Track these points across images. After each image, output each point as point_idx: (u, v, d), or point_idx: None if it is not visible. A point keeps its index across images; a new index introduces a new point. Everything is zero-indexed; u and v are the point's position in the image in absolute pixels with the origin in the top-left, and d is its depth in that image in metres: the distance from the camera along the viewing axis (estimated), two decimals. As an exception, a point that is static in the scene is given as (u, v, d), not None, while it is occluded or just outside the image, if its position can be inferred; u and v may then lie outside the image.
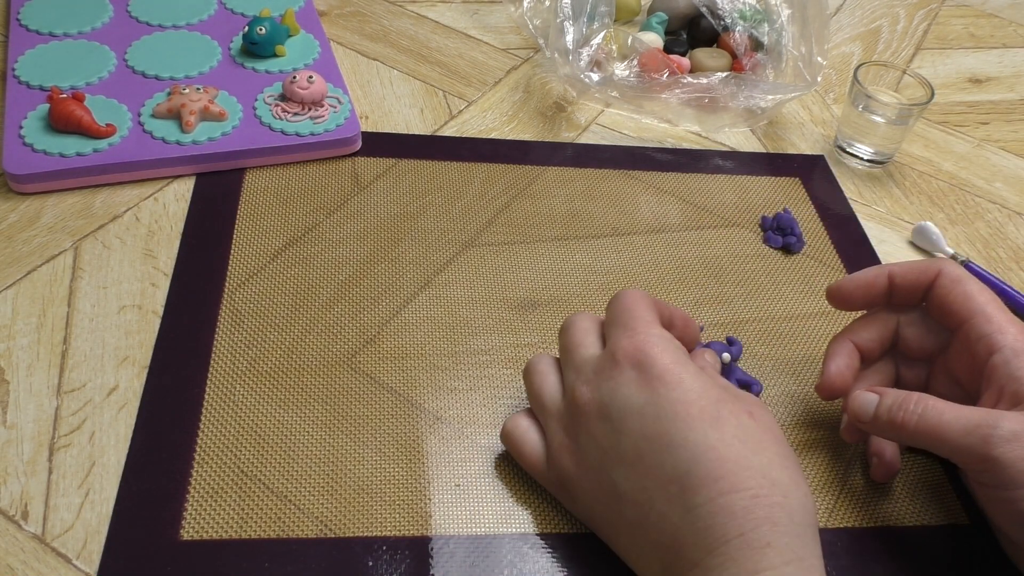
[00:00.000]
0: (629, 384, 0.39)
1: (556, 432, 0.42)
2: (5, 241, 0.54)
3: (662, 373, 0.39)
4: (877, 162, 0.69)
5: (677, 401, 0.38)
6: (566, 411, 0.42)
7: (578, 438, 0.41)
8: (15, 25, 0.68)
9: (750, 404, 0.40)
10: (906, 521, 0.46)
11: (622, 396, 0.39)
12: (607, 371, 0.40)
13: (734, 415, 0.38)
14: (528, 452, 0.44)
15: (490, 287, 0.55)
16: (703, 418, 0.38)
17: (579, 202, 0.62)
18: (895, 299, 0.47)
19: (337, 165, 0.62)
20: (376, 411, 0.48)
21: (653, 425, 0.38)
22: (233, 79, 0.65)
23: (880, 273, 0.47)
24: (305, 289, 0.53)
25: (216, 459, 0.44)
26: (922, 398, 0.41)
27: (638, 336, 0.40)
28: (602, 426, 0.40)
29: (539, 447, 0.43)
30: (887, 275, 0.46)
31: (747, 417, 0.38)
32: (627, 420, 0.39)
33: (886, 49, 0.84)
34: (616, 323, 0.42)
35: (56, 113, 0.58)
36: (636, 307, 0.42)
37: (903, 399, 0.41)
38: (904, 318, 0.47)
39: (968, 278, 0.45)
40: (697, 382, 0.39)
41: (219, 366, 0.48)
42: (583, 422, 0.40)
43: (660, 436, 0.38)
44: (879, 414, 0.42)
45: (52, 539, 0.41)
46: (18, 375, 0.47)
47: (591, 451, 0.40)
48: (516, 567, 0.42)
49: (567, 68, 0.69)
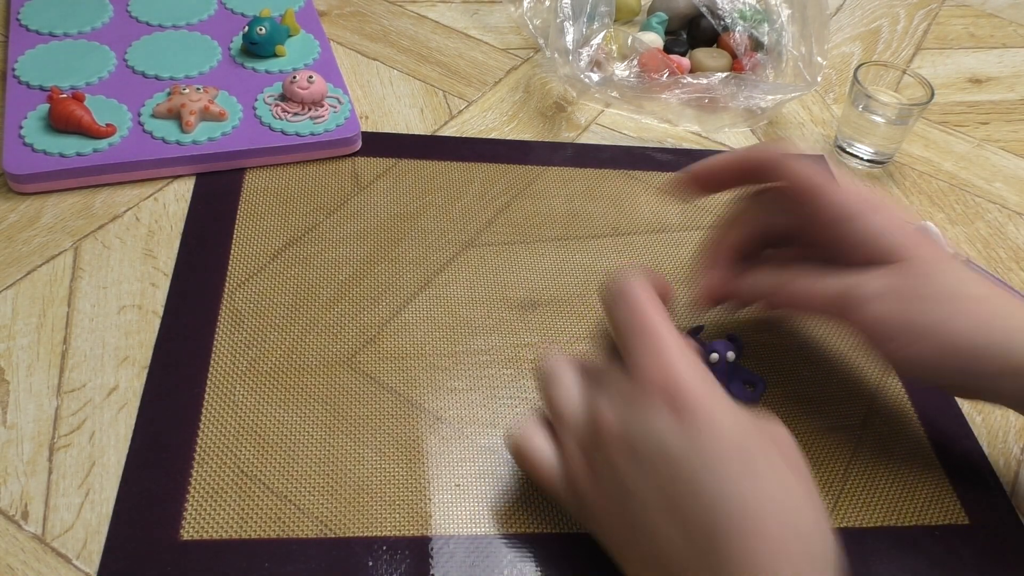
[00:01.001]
0: (657, 418, 0.36)
1: (573, 451, 0.39)
2: (5, 241, 0.54)
3: (694, 409, 0.36)
4: (877, 162, 0.69)
5: (707, 444, 0.36)
6: (585, 429, 0.39)
7: (596, 462, 0.38)
8: (15, 25, 0.68)
9: (775, 434, 0.38)
10: (906, 521, 0.46)
11: (649, 430, 0.37)
12: (632, 397, 0.38)
13: (764, 454, 0.36)
14: (543, 469, 0.41)
15: (490, 287, 0.55)
16: (733, 463, 0.35)
17: (579, 202, 0.62)
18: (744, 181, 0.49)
19: (337, 165, 0.62)
20: (376, 411, 0.48)
21: (682, 471, 0.36)
22: (233, 79, 0.65)
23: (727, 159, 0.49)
24: (305, 289, 0.53)
25: (216, 459, 0.44)
26: (787, 283, 0.45)
27: (664, 360, 0.37)
28: (624, 456, 0.37)
29: (554, 462, 0.40)
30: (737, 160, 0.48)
31: (775, 454, 0.36)
32: (653, 457, 0.36)
33: (886, 49, 0.85)
34: (632, 335, 0.39)
35: (56, 113, 0.58)
36: (648, 313, 0.39)
37: (770, 290, 0.46)
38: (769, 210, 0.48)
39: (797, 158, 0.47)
40: (728, 417, 0.36)
41: (219, 366, 0.48)
42: (602, 447, 0.38)
43: (688, 480, 0.35)
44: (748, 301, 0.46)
45: (52, 539, 0.41)
46: (18, 375, 0.47)
47: (609, 478, 0.38)
48: (516, 567, 0.42)
49: (567, 68, 0.69)
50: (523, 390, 0.50)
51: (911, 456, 0.49)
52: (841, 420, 0.50)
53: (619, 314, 0.40)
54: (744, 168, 0.48)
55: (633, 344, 0.39)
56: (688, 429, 0.36)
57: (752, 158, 0.48)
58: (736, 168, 0.49)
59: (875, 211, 0.45)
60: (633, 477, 0.37)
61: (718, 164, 0.49)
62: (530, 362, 0.51)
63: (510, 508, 0.44)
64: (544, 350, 0.51)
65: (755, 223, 0.49)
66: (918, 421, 0.51)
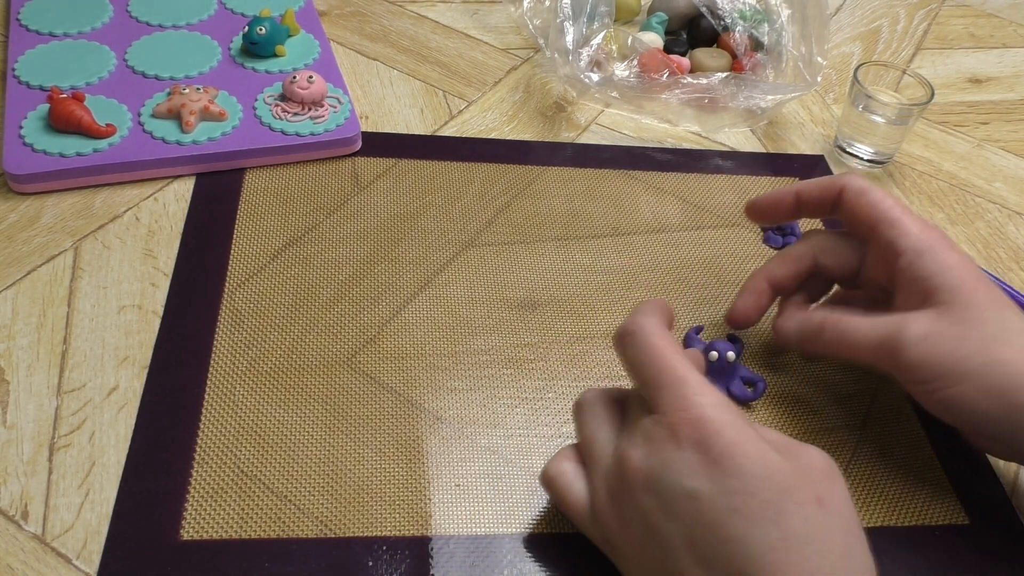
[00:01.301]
0: (685, 463, 0.36)
1: (600, 488, 0.39)
2: (5, 241, 0.54)
3: (721, 451, 0.35)
4: (877, 162, 0.69)
5: (737, 491, 0.34)
6: (612, 468, 0.39)
7: (623, 504, 0.38)
8: (15, 25, 0.68)
9: (821, 486, 0.36)
10: (906, 521, 0.46)
11: (676, 474, 0.36)
12: (659, 439, 0.37)
13: (800, 507, 0.35)
14: (573, 502, 0.40)
15: (490, 287, 0.55)
16: (765, 513, 0.34)
17: (579, 202, 0.62)
18: (805, 213, 0.49)
19: (337, 165, 0.62)
20: (376, 411, 0.48)
21: (709, 514, 0.35)
22: (233, 79, 0.65)
23: (788, 191, 0.49)
24: (305, 289, 0.53)
25: (216, 459, 0.44)
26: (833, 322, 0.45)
27: (689, 401, 0.37)
28: (650, 501, 0.36)
29: (583, 496, 0.40)
30: (794, 192, 0.49)
31: (815, 506, 0.35)
32: (679, 502, 0.35)
33: (886, 49, 0.85)
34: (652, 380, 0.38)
35: (56, 113, 0.58)
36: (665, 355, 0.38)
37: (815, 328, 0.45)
38: (820, 248, 0.49)
39: (871, 188, 0.46)
40: (760, 465, 0.35)
41: (219, 366, 0.48)
42: (628, 490, 0.37)
43: (716, 527, 0.34)
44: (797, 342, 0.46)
45: (52, 539, 0.41)
46: (18, 375, 0.47)
47: (635, 522, 0.37)
48: (516, 567, 0.42)
49: (567, 68, 0.69)
50: (523, 390, 0.50)
51: (911, 456, 0.49)
52: (841, 420, 0.50)
53: (635, 358, 0.39)
54: (805, 198, 0.48)
55: (654, 388, 0.38)
56: (716, 471, 0.35)
57: (813, 188, 0.48)
58: (799, 197, 0.48)
59: (946, 249, 0.44)
60: (659, 518, 0.36)
61: (778, 195, 0.49)
62: (530, 362, 0.51)
63: (510, 508, 0.44)
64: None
65: (802, 261, 0.49)
66: (918, 421, 0.51)
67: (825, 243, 0.49)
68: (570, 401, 0.49)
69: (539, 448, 0.47)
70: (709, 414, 0.36)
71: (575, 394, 0.50)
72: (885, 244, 0.45)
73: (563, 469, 0.41)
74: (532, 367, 0.51)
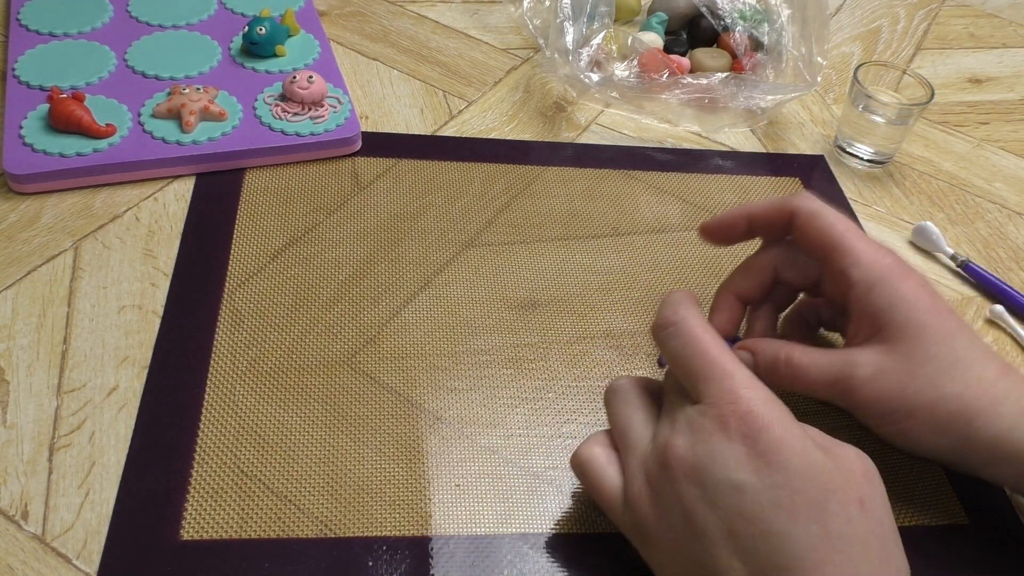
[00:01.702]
0: (732, 454, 0.36)
1: (637, 475, 0.39)
2: (5, 241, 0.54)
3: (768, 444, 0.35)
4: (877, 162, 0.69)
5: (782, 486, 0.35)
6: (652, 457, 0.38)
7: (662, 492, 0.37)
8: (15, 25, 0.68)
9: (863, 488, 0.36)
10: (906, 521, 0.46)
11: (722, 465, 0.36)
12: (707, 432, 0.37)
13: (843, 507, 0.35)
14: (605, 488, 0.40)
15: (490, 287, 0.55)
16: (809, 510, 0.34)
17: (579, 202, 0.62)
18: (757, 234, 0.48)
19: (337, 165, 0.62)
20: (376, 411, 0.48)
21: (752, 507, 0.35)
22: (233, 79, 0.65)
23: (740, 213, 0.47)
24: (305, 289, 0.53)
25: (216, 459, 0.44)
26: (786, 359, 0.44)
27: (737, 394, 0.37)
28: (693, 490, 0.36)
29: (616, 482, 0.40)
30: (746, 215, 0.47)
31: (856, 508, 0.35)
32: (724, 493, 0.35)
33: (886, 49, 0.85)
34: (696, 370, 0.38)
35: (56, 113, 0.58)
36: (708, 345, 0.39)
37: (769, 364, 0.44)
38: (780, 261, 0.47)
39: (823, 211, 0.44)
40: (806, 463, 0.35)
41: (219, 366, 0.48)
42: (670, 479, 0.37)
43: (758, 520, 0.35)
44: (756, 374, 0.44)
45: (52, 539, 0.41)
46: (18, 375, 0.47)
47: (674, 511, 0.37)
48: (516, 567, 0.42)
49: (567, 68, 0.69)
50: (523, 390, 0.50)
51: (911, 456, 0.49)
52: (841, 420, 0.50)
53: (678, 349, 0.40)
54: (757, 222, 0.47)
55: (701, 380, 0.38)
56: (762, 466, 0.35)
57: (764, 211, 0.46)
58: (750, 221, 0.47)
59: (898, 278, 0.43)
60: (700, 507, 0.36)
61: (729, 218, 0.47)
62: (530, 362, 0.51)
63: (510, 508, 0.44)
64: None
65: (763, 274, 0.48)
66: (918, 421, 0.51)
67: (785, 256, 0.47)
68: (570, 401, 0.49)
69: (539, 448, 0.47)
70: (759, 409, 0.36)
71: (575, 394, 0.50)
72: (837, 272, 0.44)
73: (595, 453, 0.41)
74: (532, 367, 0.51)
